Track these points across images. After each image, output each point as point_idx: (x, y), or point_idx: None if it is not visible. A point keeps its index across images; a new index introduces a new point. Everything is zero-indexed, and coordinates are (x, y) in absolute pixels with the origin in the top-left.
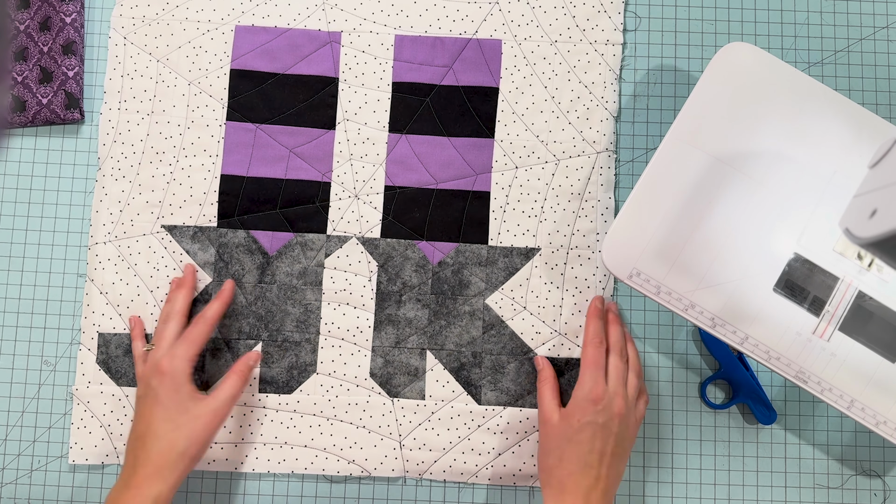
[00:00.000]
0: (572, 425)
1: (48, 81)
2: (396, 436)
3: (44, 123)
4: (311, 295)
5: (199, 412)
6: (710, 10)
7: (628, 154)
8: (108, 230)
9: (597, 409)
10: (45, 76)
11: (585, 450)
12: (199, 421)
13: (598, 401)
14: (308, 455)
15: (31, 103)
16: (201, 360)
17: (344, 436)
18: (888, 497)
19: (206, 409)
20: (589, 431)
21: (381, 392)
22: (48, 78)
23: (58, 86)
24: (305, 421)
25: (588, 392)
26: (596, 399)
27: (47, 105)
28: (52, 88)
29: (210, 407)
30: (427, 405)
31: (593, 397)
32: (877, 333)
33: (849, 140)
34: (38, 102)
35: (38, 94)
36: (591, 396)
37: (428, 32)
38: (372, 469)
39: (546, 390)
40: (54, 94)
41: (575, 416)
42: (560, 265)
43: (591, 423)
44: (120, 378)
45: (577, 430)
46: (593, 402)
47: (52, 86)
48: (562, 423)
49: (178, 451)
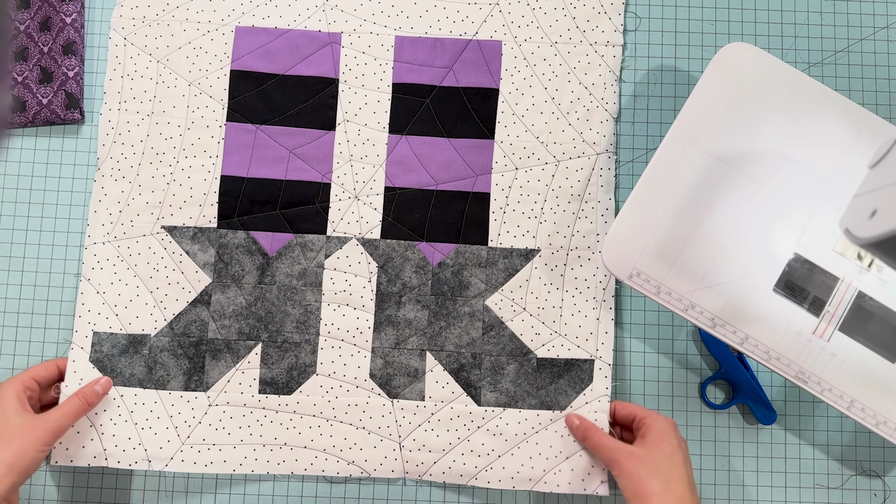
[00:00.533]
0: (664, 450)
1: (48, 81)
2: (396, 437)
3: (44, 123)
4: (310, 296)
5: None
6: (710, 10)
7: (628, 154)
8: (107, 230)
9: (678, 436)
10: (45, 76)
11: (685, 473)
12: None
13: (675, 428)
14: (308, 456)
15: (31, 103)
16: (201, 360)
17: (344, 437)
18: (888, 497)
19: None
20: (680, 456)
21: (381, 393)
22: (48, 78)
23: (58, 86)
24: (305, 422)
25: (666, 422)
26: (674, 426)
27: (47, 105)
28: (52, 88)
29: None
30: (427, 406)
31: (672, 426)
32: (877, 333)
33: (849, 140)
34: (38, 102)
35: (38, 94)
36: (671, 425)
37: (428, 33)
38: (372, 470)
39: (599, 433)
40: (54, 94)
41: (663, 442)
42: (560, 266)
43: (679, 447)
44: (114, 377)
45: (669, 454)
46: (674, 429)
47: (52, 86)
48: (651, 451)
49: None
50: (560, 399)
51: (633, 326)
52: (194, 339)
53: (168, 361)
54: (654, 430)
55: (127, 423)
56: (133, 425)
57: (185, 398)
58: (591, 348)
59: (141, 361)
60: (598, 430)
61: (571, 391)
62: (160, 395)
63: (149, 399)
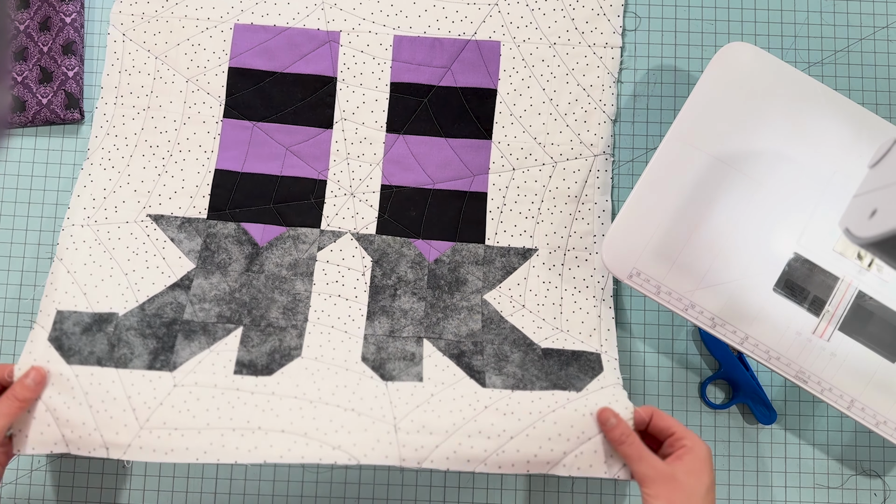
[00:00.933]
0: (704, 483)
1: (48, 81)
2: (391, 418)
3: (44, 123)
4: (300, 286)
5: None
6: (710, 10)
7: (628, 154)
8: (88, 214)
9: (712, 469)
10: (45, 76)
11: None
12: None
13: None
14: (285, 441)
15: (31, 103)
16: (171, 340)
17: (329, 419)
18: (888, 497)
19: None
20: (714, 493)
21: (374, 376)
22: (48, 78)
23: (58, 86)
24: (285, 403)
25: (707, 451)
26: (711, 456)
27: (47, 105)
28: (52, 88)
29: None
30: (426, 387)
31: (710, 455)
32: (877, 333)
33: (849, 140)
34: (38, 102)
35: (38, 94)
36: (709, 454)
37: (427, 33)
38: (361, 456)
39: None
40: (54, 94)
41: (703, 474)
42: (558, 266)
43: (714, 481)
44: (72, 356)
45: (708, 489)
46: (711, 459)
47: (52, 86)
48: (691, 480)
49: None
50: (574, 382)
51: (633, 326)
52: (167, 319)
53: (134, 340)
54: (696, 458)
55: (81, 405)
56: (88, 408)
57: (147, 377)
58: (595, 344)
59: (104, 339)
60: (637, 438)
61: (584, 376)
62: (119, 374)
63: (105, 378)
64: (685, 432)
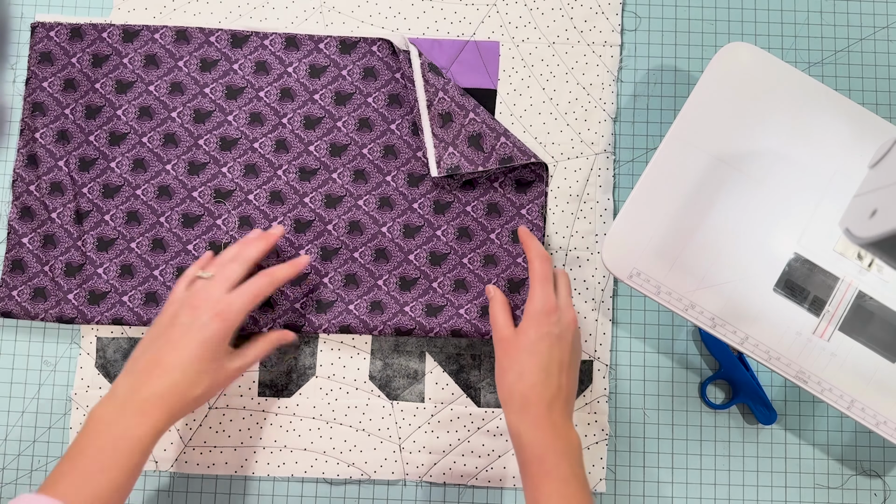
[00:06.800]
0: (529, 338)
1: None
2: (396, 438)
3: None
4: None
5: (229, 366)
6: (710, 10)
7: (628, 154)
8: None
9: (551, 321)
10: None
11: (545, 361)
12: (223, 374)
13: (551, 313)
14: (308, 458)
15: None
16: None
17: (343, 439)
18: (888, 497)
19: (234, 366)
20: (546, 343)
21: (381, 395)
22: None
23: None
24: (305, 424)
25: (542, 305)
26: (550, 311)
27: None
28: None
29: (236, 364)
30: (427, 408)
31: (547, 310)
32: (877, 333)
33: (849, 140)
34: None
35: None
36: (545, 309)
37: (426, 34)
38: (372, 472)
39: (498, 310)
40: None
41: (531, 329)
42: (559, 266)
43: (548, 334)
44: None
45: (534, 342)
46: (547, 315)
47: None
48: (518, 338)
49: (194, 396)
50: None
51: (633, 326)
52: None
53: None
54: (528, 315)
55: None
56: None
57: None
58: (589, 349)
59: None
60: (497, 306)
61: None
62: None
63: None
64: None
